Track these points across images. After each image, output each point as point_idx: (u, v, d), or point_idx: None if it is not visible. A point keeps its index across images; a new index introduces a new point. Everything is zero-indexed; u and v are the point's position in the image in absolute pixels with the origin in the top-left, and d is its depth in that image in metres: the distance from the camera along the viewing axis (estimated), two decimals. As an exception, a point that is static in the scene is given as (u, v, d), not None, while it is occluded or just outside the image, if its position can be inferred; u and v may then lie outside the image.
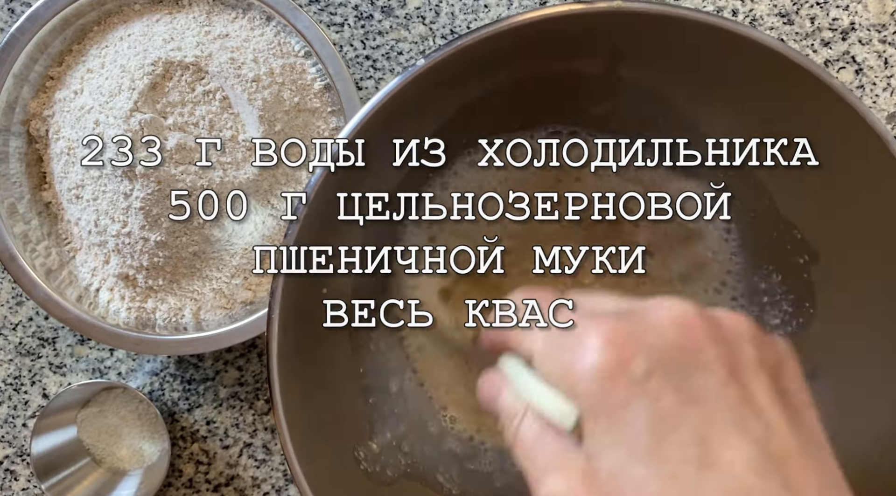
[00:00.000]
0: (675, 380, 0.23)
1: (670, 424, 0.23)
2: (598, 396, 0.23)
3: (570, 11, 0.32)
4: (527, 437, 0.26)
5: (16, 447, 0.48)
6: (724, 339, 0.24)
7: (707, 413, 0.23)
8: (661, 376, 0.23)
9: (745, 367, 0.24)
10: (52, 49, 0.43)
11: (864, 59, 0.47)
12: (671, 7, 0.32)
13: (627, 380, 0.23)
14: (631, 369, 0.23)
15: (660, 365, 0.23)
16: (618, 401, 0.23)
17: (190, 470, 0.47)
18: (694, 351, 0.24)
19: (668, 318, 0.24)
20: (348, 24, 0.47)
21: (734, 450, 0.22)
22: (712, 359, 0.24)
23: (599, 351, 0.24)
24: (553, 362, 0.25)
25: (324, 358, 0.37)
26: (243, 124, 0.41)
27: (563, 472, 0.24)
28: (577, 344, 0.24)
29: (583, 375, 0.24)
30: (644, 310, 0.25)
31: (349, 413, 0.38)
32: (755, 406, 0.23)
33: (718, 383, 0.23)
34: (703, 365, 0.23)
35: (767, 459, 0.22)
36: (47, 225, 0.44)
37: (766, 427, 0.23)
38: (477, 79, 0.35)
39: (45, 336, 0.48)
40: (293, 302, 0.33)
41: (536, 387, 0.26)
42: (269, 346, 0.32)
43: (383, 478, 0.38)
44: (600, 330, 0.24)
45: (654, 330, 0.24)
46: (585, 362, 0.24)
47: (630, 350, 0.23)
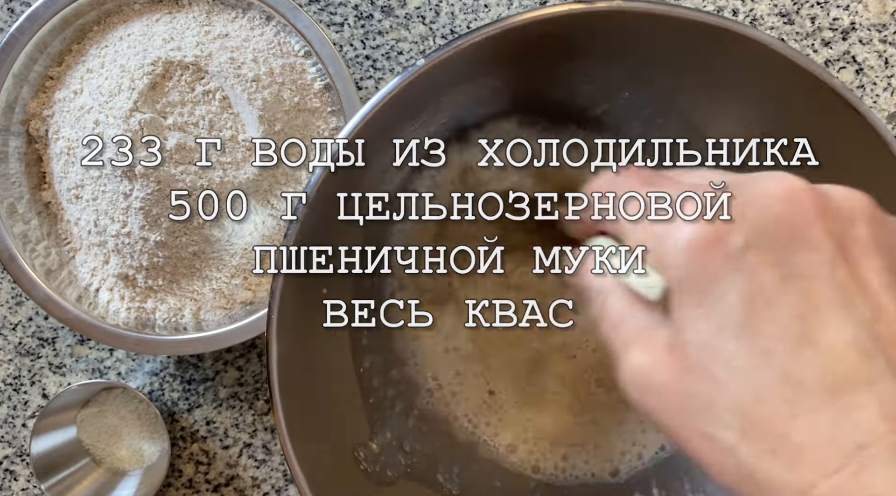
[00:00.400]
0: (776, 256, 0.22)
1: (767, 299, 0.22)
2: (689, 268, 0.23)
3: (570, 11, 0.32)
4: (614, 310, 0.25)
5: (15, 447, 0.48)
6: (836, 216, 0.23)
7: (809, 290, 0.22)
8: (760, 250, 0.22)
9: (857, 246, 0.23)
10: (51, 49, 0.43)
11: (864, 59, 0.47)
12: (671, 7, 0.32)
13: (723, 253, 0.22)
14: (728, 242, 0.22)
15: (760, 239, 0.22)
16: (711, 274, 0.22)
17: (190, 470, 0.47)
18: (799, 225, 0.22)
19: (773, 191, 0.23)
20: (348, 24, 0.47)
21: (836, 329, 0.21)
22: (820, 235, 0.22)
23: (696, 223, 0.23)
24: (645, 233, 0.25)
25: (324, 358, 0.37)
26: (243, 124, 0.41)
27: (649, 345, 0.24)
28: (675, 217, 0.23)
29: (675, 247, 0.23)
30: (748, 182, 0.24)
31: (349, 413, 0.38)
32: (864, 286, 0.22)
33: (824, 261, 0.22)
34: (809, 241, 0.22)
35: (873, 340, 0.21)
36: (47, 225, 0.44)
37: (874, 308, 0.22)
38: (477, 79, 0.35)
39: (45, 336, 0.48)
40: (293, 302, 0.33)
41: (623, 259, 0.26)
42: (268, 346, 0.32)
43: (383, 478, 0.38)
44: (698, 201, 0.23)
45: (756, 202, 0.23)
46: (679, 234, 0.23)
47: (727, 222, 0.22)
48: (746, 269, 0.22)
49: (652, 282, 0.24)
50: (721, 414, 0.22)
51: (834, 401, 0.20)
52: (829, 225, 0.22)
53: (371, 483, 0.37)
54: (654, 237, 0.24)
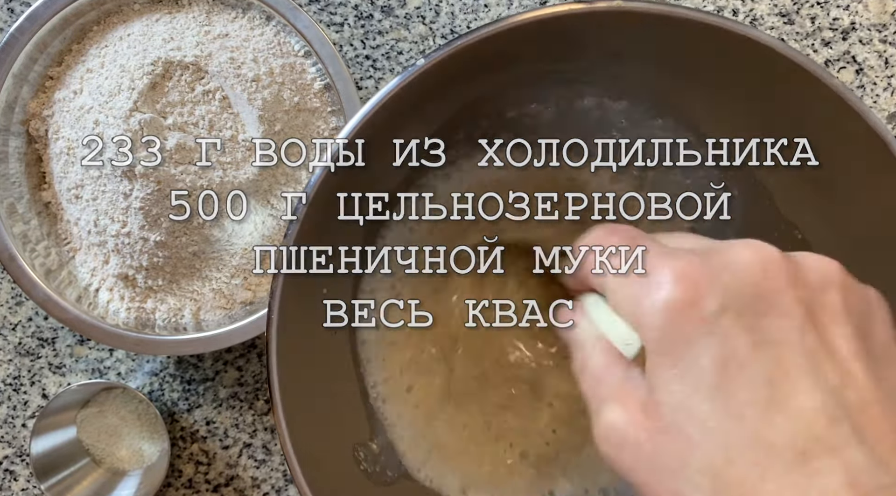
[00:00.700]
0: (748, 321, 0.22)
1: (739, 364, 0.22)
2: (665, 330, 0.23)
3: (570, 11, 0.32)
4: (594, 367, 0.26)
5: (15, 447, 0.48)
6: (807, 283, 0.23)
7: (779, 356, 0.22)
8: (733, 315, 0.22)
9: (827, 313, 0.23)
10: (51, 49, 0.43)
11: (864, 59, 0.47)
12: (671, 7, 0.32)
13: (698, 317, 0.22)
14: (702, 306, 0.23)
15: (733, 304, 0.23)
16: (686, 337, 0.23)
17: (190, 470, 0.47)
18: (772, 292, 0.23)
19: (747, 258, 0.23)
20: (348, 24, 0.47)
21: (804, 394, 0.21)
22: (790, 302, 0.23)
23: (671, 285, 0.23)
24: (624, 293, 0.25)
25: (324, 358, 0.37)
26: (243, 124, 0.41)
27: (625, 403, 0.24)
28: (650, 277, 0.24)
29: (652, 308, 0.23)
30: (723, 249, 0.24)
31: (349, 413, 0.38)
32: (833, 353, 0.22)
33: (795, 327, 0.22)
34: (780, 308, 0.23)
35: (840, 407, 0.21)
36: (47, 225, 0.44)
37: (843, 375, 0.22)
38: (477, 79, 0.35)
39: (45, 336, 0.48)
40: (293, 302, 0.33)
41: (606, 316, 0.26)
42: (268, 346, 0.32)
43: (383, 479, 0.38)
44: (674, 265, 0.23)
45: (731, 268, 0.23)
46: (656, 296, 0.23)
47: (703, 286, 0.23)
48: (720, 333, 0.22)
49: (629, 339, 0.25)
50: (693, 474, 0.22)
51: (802, 466, 0.21)
52: (800, 292, 0.23)
53: (371, 483, 0.37)
54: (632, 297, 0.25)
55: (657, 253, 0.25)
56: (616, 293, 0.26)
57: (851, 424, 0.21)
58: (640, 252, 0.26)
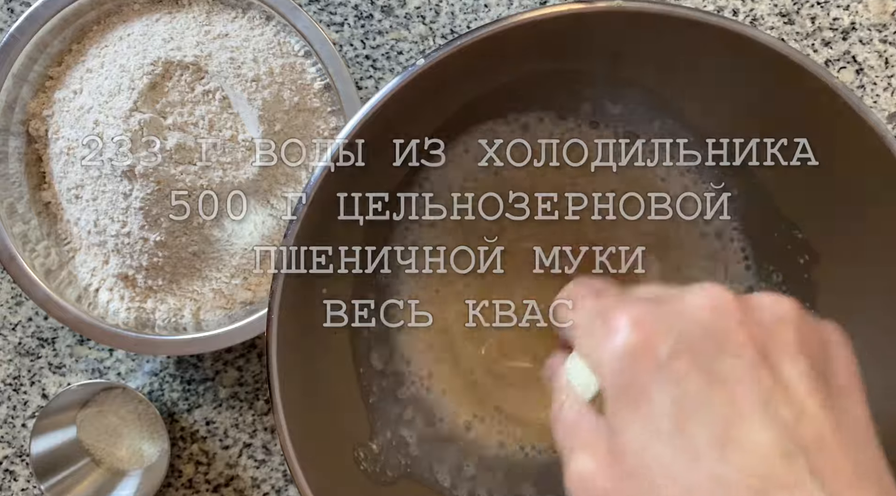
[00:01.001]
0: (702, 363, 0.23)
1: (694, 405, 0.23)
2: (623, 376, 0.24)
3: (570, 11, 0.32)
4: (567, 417, 0.26)
5: (15, 447, 0.48)
6: (760, 322, 0.24)
7: (733, 395, 0.23)
8: (687, 358, 0.23)
9: (781, 351, 0.24)
10: (51, 49, 0.43)
11: (864, 59, 0.47)
12: (671, 7, 0.32)
13: (653, 361, 0.23)
14: (656, 350, 0.23)
15: (687, 347, 0.23)
16: (642, 382, 0.23)
17: (189, 470, 0.47)
18: (723, 332, 0.23)
19: (699, 301, 0.24)
20: (348, 24, 0.47)
21: (758, 433, 0.22)
22: (743, 341, 0.23)
23: (626, 331, 0.24)
24: (586, 341, 0.26)
25: (324, 358, 0.37)
26: (243, 124, 0.41)
27: (594, 451, 0.25)
28: (607, 325, 0.25)
29: (610, 354, 0.24)
30: (678, 295, 0.25)
31: (349, 413, 0.38)
32: (787, 390, 0.23)
33: (747, 365, 0.23)
34: (733, 348, 0.23)
35: (794, 443, 0.22)
36: (47, 225, 0.44)
37: (797, 412, 0.22)
38: (477, 78, 0.35)
39: (45, 336, 0.48)
40: (293, 302, 0.33)
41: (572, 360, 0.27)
42: (268, 347, 0.32)
43: (383, 479, 0.38)
44: (629, 311, 0.24)
45: (684, 313, 0.24)
46: (612, 342, 0.24)
47: (657, 331, 0.23)
48: (674, 376, 0.23)
49: (587, 381, 0.26)
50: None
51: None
52: (753, 331, 0.24)
53: (371, 483, 0.37)
54: (592, 344, 0.26)
55: (616, 302, 0.26)
56: (580, 341, 0.27)
57: (806, 460, 0.22)
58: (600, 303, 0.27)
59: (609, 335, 0.24)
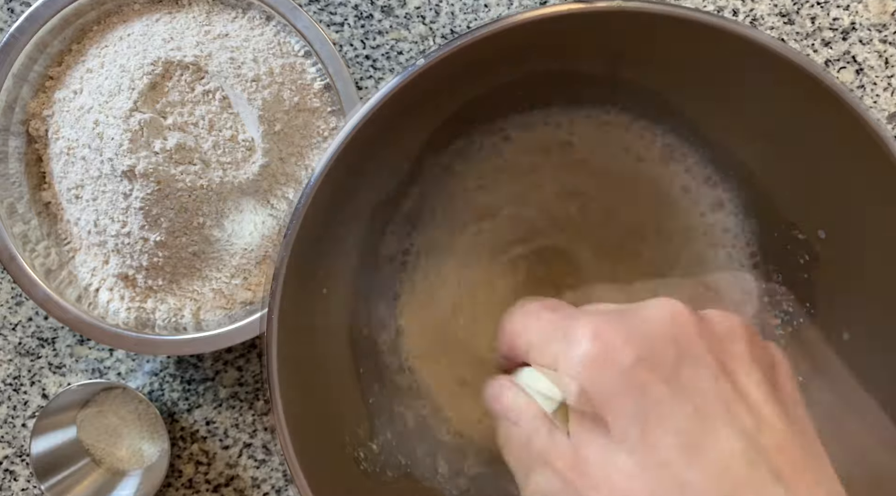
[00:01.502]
0: (664, 372, 0.23)
1: (658, 414, 0.23)
2: (585, 386, 0.24)
3: (570, 11, 0.32)
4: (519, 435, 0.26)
5: (15, 447, 0.48)
6: (716, 336, 0.25)
7: (697, 404, 0.23)
8: (649, 367, 0.23)
9: (737, 362, 0.24)
10: (51, 49, 0.43)
11: (864, 59, 0.47)
12: (671, 7, 0.32)
13: (615, 371, 0.23)
14: (619, 359, 0.23)
15: (649, 356, 0.23)
16: (606, 392, 0.23)
17: (190, 470, 0.47)
18: (684, 343, 0.24)
19: (658, 313, 0.25)
20: (348, 24, 0.47)
21: (724, 440, 0.22)
22: (703, 352, 0.24)
23: (588, 342, 0.24)
24: (545, 353, 0.26)
25: (324, 358, 0.37)
26: (243, 124, 0.41)
27: (552, 465, 0.24)
28: (567, 336, 0.25)
29: (570, 365, 0.24)
30: (636, 308, 0.25)
31: (349, 414, 0.38)
32: (747, 399, 0.23)
33: (709, 376, 0.23)
34: (694, 358, 0.24)
35: (757, 451, 0.22)
36: (47, 225, 0.44)
37: (757, 420, 0.23)
38: (477, 79, 0.35)
39: (45, 336, 0.48)
40: (293, 302, 0.33)
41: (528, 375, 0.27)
42: (267, 347, 0.32)
43: (383, 478, 0.38)
44: (589, 321, 0.24)
45: (644, 324, 0.24)
46: (573, 353, 0.24)
47: (618, 341, 0.24)
48: (638, 385, 0.23)
49: (550, 393, 0.26)
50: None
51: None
52: (710, 342, 0.24)
53: (371, 483, 0.37)
54: (553, 356, 0.25)
55: (575, 315, 0.26)
56: (539, 354, 0.26)
57: (769, 466, 0.22)
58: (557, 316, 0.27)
59: (570, 346, 0.24)
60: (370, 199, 0.38)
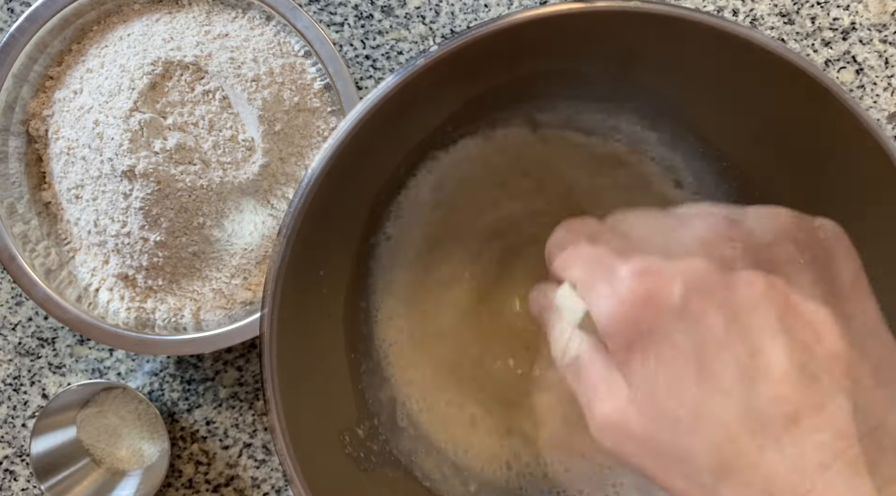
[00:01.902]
0: (714, 299, 0.23)
1: (716, 343, 0.23)
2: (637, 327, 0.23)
3: (570, 11, 0.32)
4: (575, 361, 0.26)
5: (15, 447, 0.48)
6: (758, 243, 0.24)
7: (751, 326, 0.23)
8: (699, 297, 0.23)
9: (785, 266, 0.24)
10: (51, 49, 0.43)
11: (864, 59, 0.46)
12: (671, 7, 0.32)
13: (667, 305, 0.23)
14: (668, 294, 0.23)
15: (695, 286, 0.23)
16: (660, 330, 0.23)
17: (190, 470, 0.47)
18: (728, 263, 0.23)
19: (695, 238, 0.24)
20: (348, 24, 0.47)
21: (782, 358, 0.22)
22: (749, 269, 0.23)
23: (632, 281, 0.24)
24: (591, 293, 0.25)
25: (324, 357, 0.37)
26: (243, 124, 0.41)
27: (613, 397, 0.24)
28: (611, 276, 0.24)
29: (619, 306, 0.24)
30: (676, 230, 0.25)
31: (347, 412, 0.38)
32: (798, 309, 0.23)
33: (759, 295, 0.23)
34: (741, 278, 0.23)
35: (817, 363, 0.22)
36: (47, 225, 0.44)
37: (812, 331, 0.23)
38: (475, 77, 0.35)
39: (45, 336, 0.48)
40: (290, 300, 0.33)
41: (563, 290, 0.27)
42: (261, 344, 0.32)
43: (383, 478, 0.38)
44: (631, 261, 0.24)
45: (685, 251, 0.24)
46: (620, 296, 0.24)
47: (664, 276, 0.23)
48: (691, 317, 0.23)
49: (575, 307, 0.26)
50: (698, 458, 0.23)
51: (794, 427, 0.22)
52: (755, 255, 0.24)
53: (370, 483, 0.37)
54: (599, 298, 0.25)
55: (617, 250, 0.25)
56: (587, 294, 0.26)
57: (830, 377, 0.22)
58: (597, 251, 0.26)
59: (616, 288, 0.24)
60: (369, 197, 0.38)
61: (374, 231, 0.40)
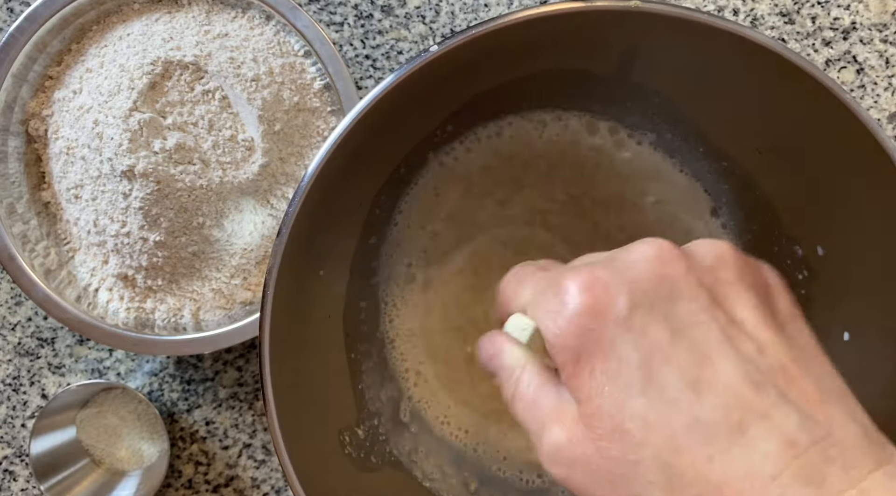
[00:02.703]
0: (659, 312, 0.24)
1: (662, 354, 0.23)
2: (584, 338, 0.24)
3: (570, 10, 0.32)
4: (525, 393, 0.26)
5: (15, 447, 0.48)
6: (703, 267, 0.25)
7: (696, 338, 0.23)
8: (644, 310, 0.24)
9: (728, 289, 0.24)
10: (50, 48, 0.43)
11: (865, 59, 0.46)
12: (671, 7, 0.32)
13: (612, 318, 0.24)
14: (614, 307, 0.24)
15: (641, 299, 0.24)
16: (606, 340, 0.24)
17: (189, 470, 0.47)
18: (673, 279, 0.24)
19: (643, 254, 0.25)
20: (348, 24, 0.47)
21: (728, 369, 0.23)
22: (694, 286, 0.24)
23: (579, 295, 0.24)
24: (541, 311, 0.26)
25: (324, 357, 0.37)
26: (243, 124, 0.41)
27: (562, 421, 0.25)
28: (558, 293, 0.25)
29: (565, 320, 0.24)
30: (623, 253, 0.25)
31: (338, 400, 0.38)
32: (742, 324, 0.24)
33: (703, 309, 0.24)
34: (684, 292, 0.24)
35: (761, 373, 0.23)
36: (46, 225, 0.44)
37: (756, 343, 0.23)
38: (476, 77, 0.35)
39: (44, 336, 0.48)
40: (290, 300, 0.33)
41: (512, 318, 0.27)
42: (261, 345, 0.32)
43: (383, 478, 0.38)
44: (578, 275, 0.25)
45: (630, 268, 0.24)
46: (569, 308, 0.24)
47: (610, 289, 0.24)
48: (637, 330, 0.23)
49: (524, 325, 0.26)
50: (646, 473, 0.23)
51: (741, 437, 0.22)
52: (699, 275, 0.24)
53: (355, 468, 0.37)
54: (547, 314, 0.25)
55: (564, 271, 0.26)
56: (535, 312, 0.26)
57: (775, 387, 0.22)
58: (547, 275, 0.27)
59: (562, 302, 0.24)
60: (368, 196, 0.38)
61: (374, 231, 0.40)
